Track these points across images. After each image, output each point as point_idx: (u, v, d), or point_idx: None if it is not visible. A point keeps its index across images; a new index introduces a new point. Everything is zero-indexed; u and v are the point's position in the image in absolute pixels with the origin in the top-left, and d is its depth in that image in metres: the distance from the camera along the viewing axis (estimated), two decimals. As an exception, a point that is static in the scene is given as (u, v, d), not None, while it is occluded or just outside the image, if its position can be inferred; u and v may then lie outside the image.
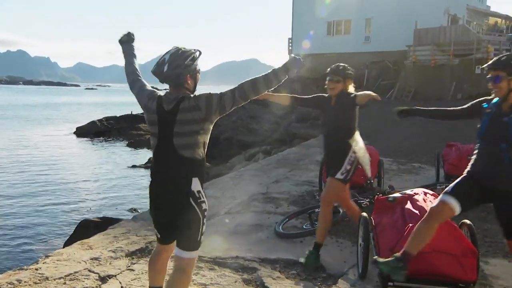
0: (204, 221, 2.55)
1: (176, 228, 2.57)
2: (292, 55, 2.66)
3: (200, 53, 2.58)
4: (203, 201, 2.52)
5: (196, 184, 2.49)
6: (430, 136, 12.82)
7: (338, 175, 3.80)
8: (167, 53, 2.53)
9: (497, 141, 2.80)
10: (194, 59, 2.53)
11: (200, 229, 2.55)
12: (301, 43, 30.70)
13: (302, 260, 3.82)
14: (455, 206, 2.78)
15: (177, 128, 2.46)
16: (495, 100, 2.91)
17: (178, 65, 2.46)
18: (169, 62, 2.47)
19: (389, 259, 2.88)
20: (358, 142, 3.81)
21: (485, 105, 2.98)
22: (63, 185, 13.32)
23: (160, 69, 2.49)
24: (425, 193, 3.45)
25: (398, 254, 2.86)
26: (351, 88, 3.87)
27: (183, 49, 2.53)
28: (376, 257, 3.10)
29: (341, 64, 3.90)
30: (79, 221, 7.82)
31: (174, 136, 2.46)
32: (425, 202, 3.26)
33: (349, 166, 3.80)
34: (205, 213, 2.55)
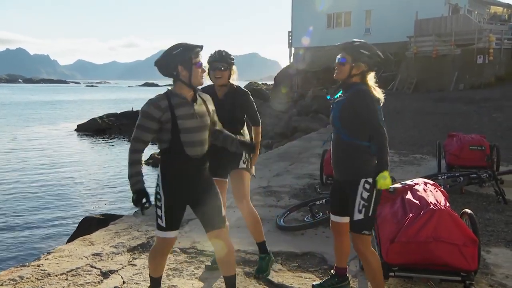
0: (156, 203, 2.75)
1: None
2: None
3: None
4: (157, 184, 2.76)
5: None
6: (431, 127, 12.79)
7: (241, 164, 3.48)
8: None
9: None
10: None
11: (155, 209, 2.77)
12: (301, 36, 30.63)
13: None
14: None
15: None
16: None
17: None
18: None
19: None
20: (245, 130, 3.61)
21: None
22: (65, 183, 13.35)
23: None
24: (426, 183, 3.43)
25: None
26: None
27: None
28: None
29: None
30: (81, 218, 7.82)
31: None
32: (425, 192, 3.25)
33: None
34: (156, 195, 2.75)
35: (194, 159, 2.69)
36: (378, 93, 2.78)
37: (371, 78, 2.82)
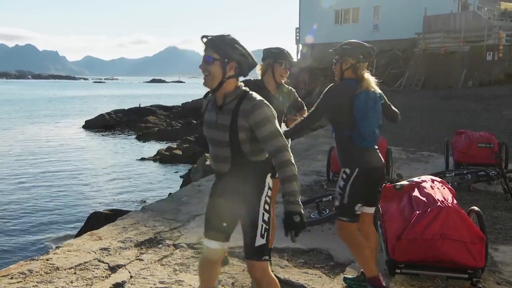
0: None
1: None
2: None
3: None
4: None
5: None
6: (439, 124, 12.71)
7: None
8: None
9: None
10: None
11: None
12: (309, 33, 30.52)
13: None
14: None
15: None
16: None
17: None
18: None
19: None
20: None
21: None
22: (73, 178, 13.46)
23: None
24: (433, 181, 3.41)
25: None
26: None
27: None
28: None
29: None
30: (89, 213, 7.89)
31: None
32: (432, 189, 3.23)
33: None
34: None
35: (218, 174, 2.37)
36: (372, 85, 2.95)
37: (363, 69, 2.98)
